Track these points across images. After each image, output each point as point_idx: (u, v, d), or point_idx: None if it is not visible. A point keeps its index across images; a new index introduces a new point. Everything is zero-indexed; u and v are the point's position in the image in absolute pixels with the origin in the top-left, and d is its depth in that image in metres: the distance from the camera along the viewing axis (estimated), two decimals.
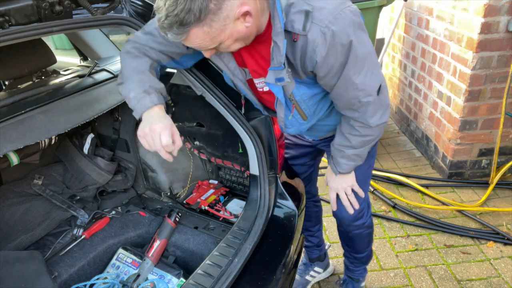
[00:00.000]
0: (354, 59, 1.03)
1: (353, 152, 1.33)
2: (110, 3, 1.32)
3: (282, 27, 0.97)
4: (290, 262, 1.51)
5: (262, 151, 1.51)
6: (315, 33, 0.96)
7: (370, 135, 1.26)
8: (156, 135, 1.07)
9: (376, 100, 1.16)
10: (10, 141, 1.31)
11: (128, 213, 1.82)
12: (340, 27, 0.96)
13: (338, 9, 0.97)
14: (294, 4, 0.96)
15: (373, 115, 1.20)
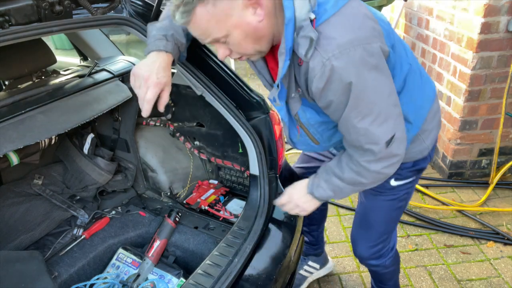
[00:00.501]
0: (356, 102, 0.95)
1: (339, 184, 1.17)
2: (110, 3, 1.32)
3: (286, 48, 0.93)
4: (290, 262, 1.51)
5: (262, 151, 1.51)
6: (316, 63, 0.92)
7: (364, 177, 1.12)
8: (145, 85, 1.06)
9: (383, 151, 1.03)
10: (10, 141, 1.31)
11: (128, 213, 1.82)
12: (342, 63, 0.90)
13: (349, 44, 0.89)
14: (303, 28, 0.91)
15: (375, 162, 1.07)
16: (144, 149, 1.98)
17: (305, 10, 0.91)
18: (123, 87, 1.82)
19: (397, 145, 1.05)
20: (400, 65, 1.11)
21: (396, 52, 1.08)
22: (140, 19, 1.40)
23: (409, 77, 1.15)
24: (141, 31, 1.39)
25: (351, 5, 0.95)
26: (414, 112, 1.20)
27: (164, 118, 2.03)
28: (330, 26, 0.91)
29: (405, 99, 1.15)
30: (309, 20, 0.90)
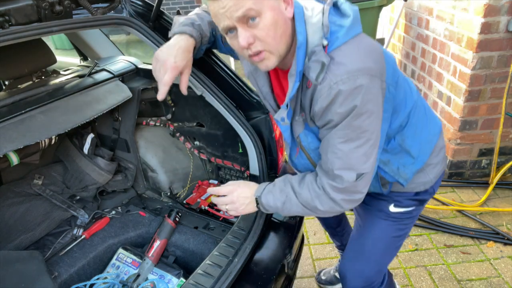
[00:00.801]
0: (348, 124, 0.97)
1: (292, 199, 1.14)
2: (110, 3, 1.32)
3: (296, 70, 0.97)
4: (290, 261, 1.51)
5: (262, 151, 1.51)
6: (324, 85, 0.95)
7: (321, 203, 1.09)
8: (163, 68, 1.11)
9: (351, 182, 1.03)
10: (10, 141, 1.31)
11: (128, 213, 1.82)
12: (348, 88, 0.93)
13: (357, 71, 0.93)
14: (316, 53, 0.95)
15: (338, 191, 1.06)
16: (144, 149, 1.98)
17: (318, 36, 0.95)
18: (123, 87, 1.82)
19: (363, 183, 1.05)
20: (405, 100, 1.14)
21: (400, 88, 1.10)
22: (140, 19, 1.40)
23: (413, 113, 1.17)
24: (141, 31, 1.39)
25: (362, 36, 0.99)
26: (419, 147, 1.21)
27: (164, 118, 2.03)
28: (341, 53, 0.95)
29: (409, 133, 1.17)
30: (321, 46, 0.94)
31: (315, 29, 0.96)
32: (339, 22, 0.97)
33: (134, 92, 1.84)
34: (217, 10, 0.93)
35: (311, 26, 0.96)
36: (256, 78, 1.19)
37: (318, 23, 0.96)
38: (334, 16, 0.98)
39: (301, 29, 0.96)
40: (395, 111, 1.11)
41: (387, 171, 1.22)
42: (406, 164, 1.21)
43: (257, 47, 0.96)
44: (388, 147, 1.18)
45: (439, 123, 1.30)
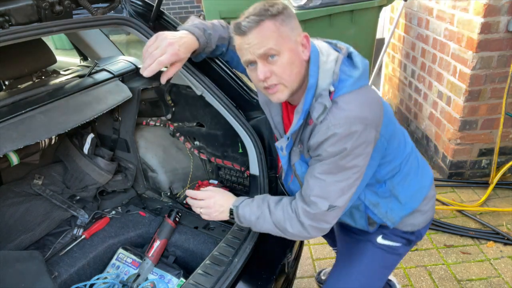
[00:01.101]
0: (334, 162, 1.06)
1: (266, 216, 1.20)
2: (110, 3, 1.31)
3: (303, 108, 1.07)
4: (290, 261, 1.51)
5: (262, 151, 1.51)
6: (323, 124, 1.04)
7: (291, 225, 1.16)
8: (164, 48, 1.13)
9: (323, 210, 1.10)
10: (10, 141, 1.31)
11: (128, 213, 1.82)
12: (343, 132, 1.02)
13: (354, 119, 1.02)
14: (322, 96, 1.04)
15: (309, 217, 1.13)
16: (144, 149, 1.98)
17: (327, 82, 1.05)
18: (123, 87, 1.82)
19: (333, 215, 1.13)
20: (398, 151, 1.23)
21: (394, 139, 1.20)
22: (140, 19, 1.40)
23: (405, 163, 1.27)
24: (141, 31, 1.39)
25: (366, 88, 1.09)
26: (408, 195, 1.29)
27: (164, 118, 2.03)
28: (344, 100, 1.04)
29: (399, 181, 1.27)
30: (328, 91, 1.04)
31: (326, 75, 1.06)
32: (349, 73, 1.07)
33: (134, 92, 1.84)
34: (242, 45, 1.05)
35: (323, 71, 1.06)
36: (270, 108, 1.28)
37: (330, 70, 1.06)
38: (346, 67, 1.08)
39: (314, 72, 1.06)
40: (387, 160, 1.20)
41: (376, 213, 1.29)
42: (394, 208, 1.29)
43: (273, 81, 1.06)
44: (379, 191, 1.26)
45: (431, 175, 1.39)
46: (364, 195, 1.26)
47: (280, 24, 1.02)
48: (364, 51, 3.41)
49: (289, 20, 1.04)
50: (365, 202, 1.28)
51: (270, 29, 1.02)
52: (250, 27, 1.02)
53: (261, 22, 1.01)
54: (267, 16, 1.01)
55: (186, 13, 8.98)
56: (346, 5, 3.14)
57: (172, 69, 1.20)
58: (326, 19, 3.17)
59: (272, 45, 1.02)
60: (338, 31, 3.23)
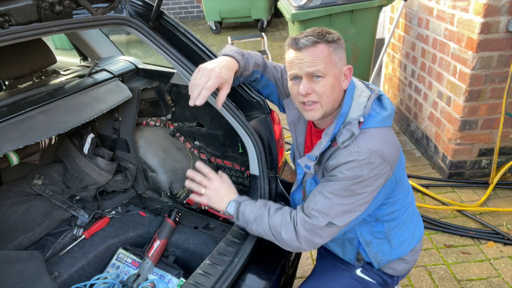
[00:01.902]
0: (346, 185, 1.13)
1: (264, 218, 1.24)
2: (110, 3, 1.31)
3: (334, 131, 1.16)
4: (290, 261, 1.51)
5: (262, 151, 1.51)
6: (346, 149, 1.13)
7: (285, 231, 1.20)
8: (207, 75, 1.18)
9: (321, 224, 1.16)
10: (10, 141, 1.31)
11: (128, 213, 1.82)
12: (362, 160, 1.10)
13: (376, 152, 1.11)
14: (352, 124, 1.13)
15: (305, 228, 1.17)
16: (144, 149, 1.98)
17: (358, 113, 1.16)
18: (123, 87, 1.82)
19: (329, 232, 1.18)
20: (401, 197, 1.30)
21: (401, 185, 1.28)
22: (140, 19, 1.40)
23: (405, 210, 1.35)
24: (141, 31, 1.39)
25: (390, 129, 1.20)
26: (401, 242, 1.36)
27: (164, 118, 2.03)
28: (370, 132, 1.14)
29: (396, 226, 1.33)
30: (358, 121, 1.14)
31: (358, 107, 1.16)
32: (378, 111, 1.18)
33: (134, 92, 1.84)
34: (294, 59, 1.15)
35: (356, 103, 1.17)
36: (296, 128, 1.38)
37: (362, 103, 1.17)
38: (376, 106, 1.19)
39: (348, 102, 1.17)
40: (391, 201, 1.28)
41: (367, 251, 1.36)
42: (384, 252, 1.36)
43: (312, 98, 1.16)
44: (375, 231, 1.33)
45: (422, 230, 1.47)
46: (361, 232, 1.33)
47: (333, 51, 1.13)
48: (364, 51, 3.42)
49: (340, 50, 1.16)
50: (359, 238, 1.34)
51: (323, 52, 1.12)
52: (306, 45, 1.12)
53: (317, 44, 1.12)
54: (324, 41, 1.12)
55: (186, 13, 8.98)
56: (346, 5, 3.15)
57: (221, 92, 1.23)
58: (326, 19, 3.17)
59: (320, 67, 1.12)
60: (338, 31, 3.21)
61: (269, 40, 6.87)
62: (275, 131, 1.56)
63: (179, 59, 1.43)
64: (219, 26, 7.60)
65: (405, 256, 1.40)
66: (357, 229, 1.33)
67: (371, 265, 1.41)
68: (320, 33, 1.14)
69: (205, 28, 8.09)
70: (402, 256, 1.39)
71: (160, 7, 1.38)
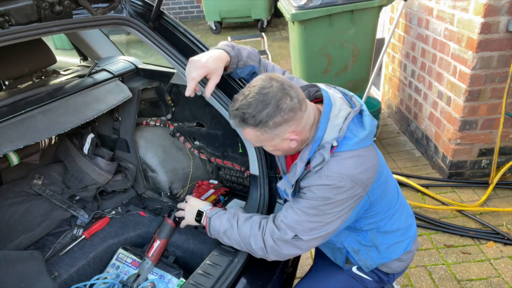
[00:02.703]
0: (315, 205, 1.14)
1: (234, 230, 1.27)
2: (110, 3, 1.31)
3: (307, 157, 1.14)
4: (290, 261, 1.51)
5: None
6: (317, 174, 1.12)
7: (255, 241, 1.23)
8: (194, 66, 1.21)
9: (287, 237, 1.18)
10: (10, 141, 1.31)
11: (128, 213, 1.82)
12: (331, 183, 1.10)
13: (346, 176, 1.10)
14: (324, 148, 1.11)
15: (273, 238, 1.20)
16: (144, 149, 1.98)
17: (332, 136, 1.12)
18: (123, 87, 1.82)
19: (297, 244, 1.19)
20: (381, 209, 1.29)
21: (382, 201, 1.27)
22: (140, 19, 1.40)
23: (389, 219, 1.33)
24: (141, 31, 1.39)
25: (368, 150, 1.16)
26: (389, 247, 1.36)
27: (164, 118, 2.03)
28: (343, 156, 1.12)
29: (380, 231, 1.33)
30: (330, 145, 1.11)
31: (333, 130, 1.12)
32: (355, 132, 1.13)
33: (134, 92, 1.84)
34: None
35: (331, 125, 1.13)
36: None
37: (338, 126, 1.12)
38: (354, 125, 1.15)
39: (323, 125, 1.13)
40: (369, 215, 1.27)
41: (356, 258, 1.38)
42: (373, 257, 1.37)
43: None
44: (361, 239, 1.34)
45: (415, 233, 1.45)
46: (348, 241, 1.35)
47: (261, 134, 1.10)
48: (364, 51, 3.42)
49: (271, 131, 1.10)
50: (347, 248, 1.36)
51: (251, 135, 1.12)
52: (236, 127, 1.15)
53: (243, 127, 1.11)
54: (247, 124, 1.09)
55: (186, 13, 8.98)
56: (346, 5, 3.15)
57: (209, 82, 1.24)
58: (326, 19, 3.17)
59: (255, 143, 1.16)
60: (338, 31, 3.23)
61: (269, 40, 6.87)
62: None
63: (179, 59, 1.43)
64: (219, 26, 7.60)
65: (399, 257, 1.39)
66: (344, 239, 1.35)
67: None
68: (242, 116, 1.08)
69: (205, 28, 8.09)
70: (394, 258, 1.39)
71: (160, 7, 1.38)
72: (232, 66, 1.31)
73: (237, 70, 1.34)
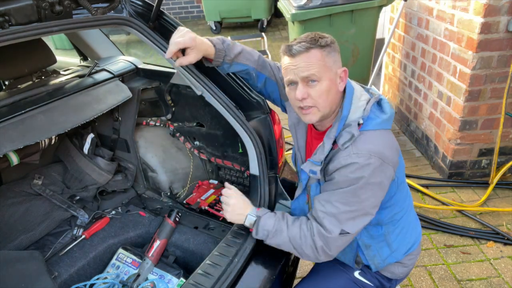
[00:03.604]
0: (352, 192, 1.13)
1: (284, 230, 1.25)
2: (110, 3, 1.31)
3: (335, 135, 1.17)
4: (290, 261, 1.51)
5: (262, 151, 1.51)
6: (345, 151, 1.14)
7: (305, 243, 1.21)
8: (182, 34, 1.25)
9: (335, 235, 1.17)
10: (10, 141, 1.31)
11: (128, 213, 1.82)
12: (362, 162, 1.11)
13: (376, 153, 1.12)
14: (351, 126, 1.15)
15: (320, 238, 1.18)
16: (144, 149, 1.98)
17: (357, 115, 1.17)
18: (123, 87, 1.82)
19: (344, 240, 1.20)
20: (400, 201, 1.32)
21: (401, 190, 1.30)
22: (140, 19, 1.40)
23: (404, 213, 1.36)
24: (141, 31, 1.39)
25: (389, 132, 1.22)
26: (399, 245, 1.37)
27: (164, 118, 2.03)
28: (369, 134, 1.16)
29: (395, 229, 1.35)
30: (357, 123, 1.16)
31: (357, 110, 1.18)
32: (377, 114, 1.19)
33: (134, 92, 1.84)
34: (289, 65, 1.18)
35: (355, 106, 1.18)
36: (297, 131, 1.40)
37: (362, 106, 1.18)
38: (375, 109, 1.21)
39: (347, 105, 1.18)
40: (389, 205, 1.28)
41: (365, 254, 1.37)
42: (383, 254, 1.36)
43: (308, 103, 1.17)
44: (374, 234, 1.34)
45: (420, 235, 1.48)
46: (360, 235, 1.33)
47: (326, 55, 1.15)
48: (364, 51, 3.42)
49: (334, 53, 1.18)
50: (358, 242, 1.35)
51: (317, 57, 1.14)
52: (300, 51, 1.15)
53: (310, 49, 1.14)
54: (317, 46, 1.14)
55: (186, 13, 8.98)
56: (346, 5, 3.15)
57: (187, 57, 1.27)
58: (326, 19, 3.17)
59: (315, 71, 1.14)
60: (338, 31, 3.23)
61: (269, 40, 6.87)
62: (275, 131, 1.56)
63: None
64: (219, 26, 7.60)
65: (402, 259, 1.40)
66: None
67: (369, 268, 1.41)
68: (313, 38, 1.16)
69: (205, 28, 8.09)
70: (399, 259, 1.39)
71: (160, 7, 1.38)
72: (217, 59, 1.34)
73: (224, 65, 1.37)
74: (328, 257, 1.22)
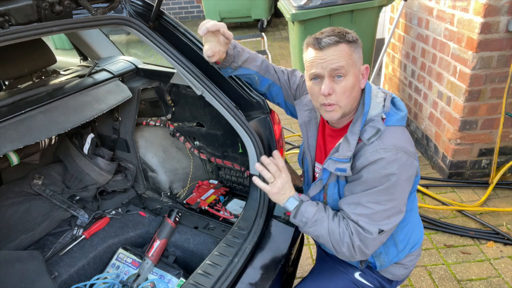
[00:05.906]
0: (382, 190, 1.12)
1: (324, 222, 1.22)
2: (110, 3, 1.32)
3: (359, 130, 1.16)
4: (290, 261, 1.51)
5: (262, 151, 1.51)
6: (371, 146, 1.13)
7: (342, 240, 1.18)
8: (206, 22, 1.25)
9: (373, 236, 1.15)
10: (10, 141, 1.31)
11: (128, 213, 1.82)
12: (390, 157, 1.10)
13: (401, 148, 1.12)
14: (374, 121, 1.16)
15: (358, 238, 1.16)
16: (144, 149, 1.98)
17: (377, 110, 1.18)
18: (123, 87, 1.82)
19: (380, 240, 1.18)
20: (411, 198, 1.30)
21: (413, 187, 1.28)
22: (140, 19, 1.40)
23: (411, 212, 1.35)
24: (141, 31, 1.39)
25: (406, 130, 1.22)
26: (405, 244, 1.36)
27: (164, 118, 2.03)
28: (392, 130, 1.16)
29: (403, 225, 1.33)
30: (380, 117, 1.17)
31: (376, 106, 1.19)
32: (396, 111, 1.20)
33: (134, 92, 1.84)
34: (316, 58, 1.15)
35: (374, 102, 1.19)
36: (308, 129, 1.37)
37: (381, 102, 1.19)
38: (392, 106, 1.21)
39: (368, 101, 1.19)
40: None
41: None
42: (389, 253, 1.35)
43: (332, 100, 1.15)
44: None
45: (423, 235, 1.47)
46: None
47: (353, 50, 1.16)
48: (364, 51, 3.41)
49: (359, 50, 1.18)
50: None
51: (345, 51, 1.14)
52: (329, 44, 1.13)
53: (339, 43, 1.13)
54: (345, 40, 1.14)
55: (186, 13, 8.98)
56: (346, 5, 3.15)
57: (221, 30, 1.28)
58: (326, 19, 3.17)
59: (344, 63, 1.13)
60: None
61: (269, 40, 6.87)
62: (275, 131, 1.56)
63: (179, 59, 1.43)
64: None
65: (403, 259, 1.39)
66: None
67: (370, 269, 1.41)
68: (341, 32, 1.15)
69: None
70: (402, 258, 1.38)
71: (160, 7, 1.38)
72: (225, 63, 1.35)
73: (228, 69, 1.38)
74: (364, 256, 1.20)
